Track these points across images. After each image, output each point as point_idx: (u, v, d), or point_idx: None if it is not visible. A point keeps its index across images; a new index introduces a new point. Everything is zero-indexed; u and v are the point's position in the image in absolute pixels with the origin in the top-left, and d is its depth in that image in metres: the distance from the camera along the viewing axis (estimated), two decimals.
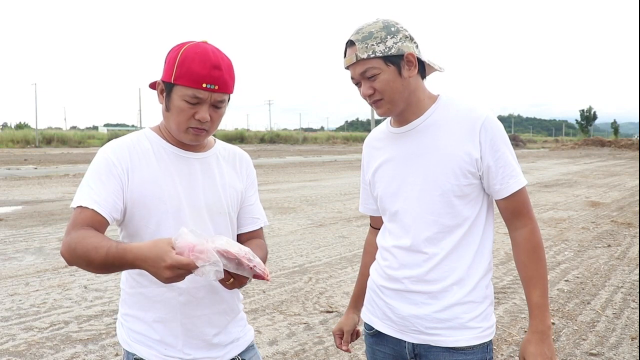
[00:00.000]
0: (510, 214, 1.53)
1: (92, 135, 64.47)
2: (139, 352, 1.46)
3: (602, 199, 12.03)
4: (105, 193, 1.37)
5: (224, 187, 1.54)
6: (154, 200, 1.42)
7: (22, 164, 23.58)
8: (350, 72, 1.51)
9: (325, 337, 3.86)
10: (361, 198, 1.81)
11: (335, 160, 28.36)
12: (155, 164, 1.45)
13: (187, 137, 1.44)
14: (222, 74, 1.39)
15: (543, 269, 1.51)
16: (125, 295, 1.51)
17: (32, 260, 6.16)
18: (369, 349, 1.73)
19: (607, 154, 38.07)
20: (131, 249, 1.22)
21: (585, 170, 21.59)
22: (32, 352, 3.58)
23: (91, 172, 1.41)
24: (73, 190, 13.35)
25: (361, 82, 1.49)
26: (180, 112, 1.40)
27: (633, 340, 3.83)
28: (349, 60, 1.48)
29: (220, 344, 1.52)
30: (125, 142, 1.47)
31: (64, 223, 8.53)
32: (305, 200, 11.46)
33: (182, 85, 1.38)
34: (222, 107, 1.45)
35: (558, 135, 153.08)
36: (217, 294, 1.50)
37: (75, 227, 1.32)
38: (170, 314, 1.45)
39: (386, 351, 1.64)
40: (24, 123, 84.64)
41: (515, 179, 1.49)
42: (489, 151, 1.47)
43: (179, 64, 1.38)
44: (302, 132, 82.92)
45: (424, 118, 1.54)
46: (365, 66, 1.46)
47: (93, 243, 1.26)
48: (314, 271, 5.69)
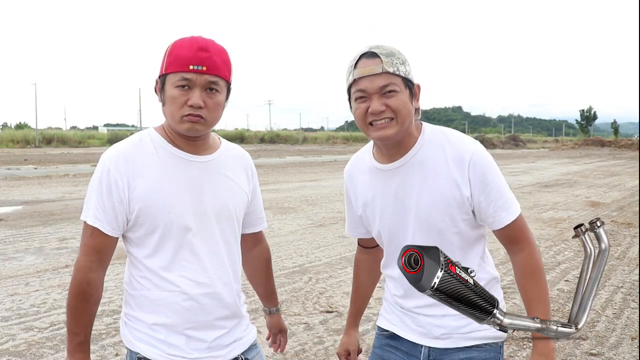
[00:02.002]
0: (507, 241, 1.53)
1: (92, 135, 64.43)
2: (142, 351, 1.45)
3: (602, 199, 12.03)
4: (109, 211, 1.40)
5: (231, 191, 1.53)
6: (158, 210, 1.41)
7: (22, 164, 23.58)
8: (362, 83, 1.41)
9: (325, 337, 3.86)
10: (348, 222, 1.76)
11: (335, 160, 28.35)
12: (159, 172, 1.42)
13: (184, 127, 1.40)
14: (210, 55, 1.37)
15: (543, 292, 1.50)
16: (128, 296, 1.51)
17: (32, 260, 6.16)
18: (378, 350, 1.70)
19: (607, 154, 38.07)
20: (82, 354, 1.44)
21: (585, 170, 21.60)
22: (32, 352, 3.58)
23: (94, 185, 1.42)
24: (73, 190, 13.35)
25: (372, 97, 1.40)
26: (173, 101, 1.38)
27: (633, 340, 3.83)
28: (371, 70, 1.38)
29: (223, 344, 1.52)
30: (127, 149, 1.44)
31: (64, 223, 8.54)
32: (305, 200, 11.46)
33: (171, 73, 1.38)
34: (218, 95, 1.41)
35: (558, 135, 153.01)
36: (221, 300, 1.50)
37: (87, 254, 1.42)
38: (173, 317, 1.45)
39: (398, 354, 1.64)
40: (24, 123, 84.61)
41: (507, 212, 1.47)
42: (478, 187, 1.45)
43: (168, 54, 1.40)
44: (302, 132, 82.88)
45: (412, 155, 1.49)
46: (389, 80, 1.39)
47: (81, 314, 1.44)
48: (314, 271, 5.69)
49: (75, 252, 6.51)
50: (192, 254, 1.45)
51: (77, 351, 1.44)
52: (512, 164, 27.14)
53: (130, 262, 1.50)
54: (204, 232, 1.46)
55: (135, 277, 1.47)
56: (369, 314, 4.36)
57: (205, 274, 1.46)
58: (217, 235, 1.49)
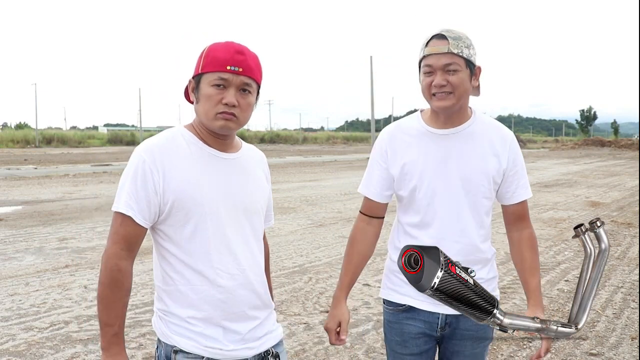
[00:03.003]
0: (517, 217, 1.84)
1: (92, 135, 64.46)
2: (179, 344, 1.48)
3: (602, 199, 12.03)
4: (142, 200, 1.42)
5: (257, 187, 1.61)
6: (192, 202, 1.45)
7: (22, 164, 23.59)
8: (430, 60, 1.66)
9: (325, 337, 3.86)
10: (369, 181, 1.86)
11: (335, 160, 28.35)
12: (191, 166, 1.47)
13: (218, 124, 1.46)
14: (246, 59, 1.46)
15: (538, 261, 1.85)
16: (161, 292, 1.53)
17: (32, 260, 6.16)
18: (396, 325, 1.83)
19: (607, 154, 38.08)
20: (118, 347, 1.43)
21: (585, 170, 21.60)
22: (32, 352, 3.58)
23: (128, 175, 1.45)
24: (73, 190, 13.35)
25: (437, 72, 1.65)
26: (208, 99, 1.45)
27: (633, 340, 3.83)
28: (439, 49, 1.64)
29: (256, 336, 1.56)
30: (161, 142, 1.48)
31: (64, 223, 8.54)
32: (305, 200, 11.46)
33: (208, 72, 1.45)
34: (250, 96, 1.49)
35: (558, 135, 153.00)
36: (253, 291, 1.55)
37: (117, 242, 1.43)
38: (209, 310, 1.48)
39: (418, 325, 1.79)
40: (24, 123, 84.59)
41: (526, 190, 1.82)
42: (512, 163, 1.77)
43: (205, 56, 1.47)
44: (302, 132, 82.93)
45: (467, 125, 1.75)
46: (453, 59, 1.63)
47: (114, 304, 1.43)
48: (314, 271, 5.69)
49: (75, 252, 6.52)
50: (225, 246, 1.49)
51: (113, 344, 1.43)
52: None
53: (161, 257, 1.52)
54: (235, 225, 1.51)
55: (167, 272, 1.50)
56: (369, 314, 4.36)
57: (239, 265, 1.51)
58: (246, 228, 1.55)
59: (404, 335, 1.81)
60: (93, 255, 6.36)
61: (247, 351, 1.53)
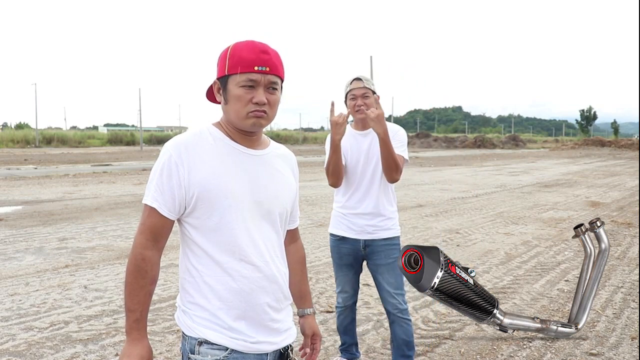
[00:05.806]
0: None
1: (92, 135, 64.44)
2: (205, 335, 1.50)
3: (602, 199, 12.03)
4: (167, 193, 1.48)
5: (284, 185, 1.64)
6: (217, 194, 1.49)
7: (22, 164, 23.59)
8: (354, 91, 2.89)
9: (326, 337, 3.85)
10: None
11: None
12: (217, 160, 1.51)
13: (249, 123, 1.51)
14: (271, 58, 1.51)
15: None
16: (187, 284, 1.55)
17: (32, 260, 6.16)
18: (335, 249, 3.04)
19: (607, 154, 38.09)
20: (139, 332, 1.48)
21: (585, 170, 21.60)
22: (32, 352, 3.58)
23: (156, 170, 1.51)
24: (73, 190, 13.36)
25: (357, 97, 2.89)
26: (238, 99, 1.50)
27: (633, 340, 3.83)
28: (358, 84, 2.88)
29: (279, 330, 1.59)
30: (188, 138, 1.53)
31: (64, 223, 8.54)
32: (305, 200, 11.46)
33: (236, 74, 1.49)
34: (277, 92, 1.54)
35: (558, 135, 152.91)
36: (276, 282, 1.57)
37: (142, 232, 1.50)
38: (234, 302, 1.51)
39: (347, 246, 2.97)
40: (24, 123, 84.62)
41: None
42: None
43: (230, 57, 1.50)
44: (302, 132, 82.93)
45: (370, 129, 2.94)
46: (367, 91, 2.89)
47: (137, 291, 1.49)
48: (314, 271, 5.69)
49: (75, 252, 6.52)
50: (250, 239, 1.52)
51: (134, 329, 1.49)
52: (512, 164, 27.14)
53: (188, 249, 1.55)
54: (260, 220, 1.55)
55: (193, 264, 1.53)
56: (368, 314, 4.36)
57: (262, 258, 1.54)
58: (269, 222, 1.58)
59: (340, 253, 3.01)
60: (93, 255, 6.36)
61: (269, 346, 1.55)
